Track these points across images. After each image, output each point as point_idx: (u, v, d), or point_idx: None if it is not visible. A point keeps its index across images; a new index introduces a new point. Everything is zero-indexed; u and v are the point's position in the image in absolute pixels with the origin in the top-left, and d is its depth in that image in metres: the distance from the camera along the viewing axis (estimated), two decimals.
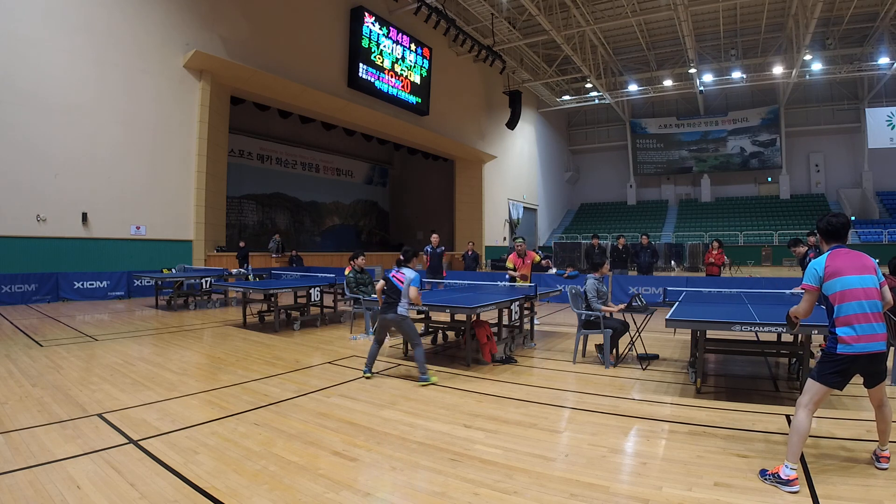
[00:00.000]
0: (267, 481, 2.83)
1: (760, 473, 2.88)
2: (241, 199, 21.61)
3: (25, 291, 11.00)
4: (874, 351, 2.84)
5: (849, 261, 2.98)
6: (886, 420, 3.00)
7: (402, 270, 5.12)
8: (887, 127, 28.01)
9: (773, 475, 2.80)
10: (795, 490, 2.70)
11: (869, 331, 2.83)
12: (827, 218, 3.12)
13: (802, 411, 2.88)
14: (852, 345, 2.83)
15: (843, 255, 3.00)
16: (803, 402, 2.91)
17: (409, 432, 3.63)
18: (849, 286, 2.90)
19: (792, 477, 2.72)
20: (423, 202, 29.17)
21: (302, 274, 13.13)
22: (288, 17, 16.26)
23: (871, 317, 2.85)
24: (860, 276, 2.92)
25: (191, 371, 5.50)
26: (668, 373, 5.45)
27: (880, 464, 2.98)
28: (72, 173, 11.70)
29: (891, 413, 3.03)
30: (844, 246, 3.07)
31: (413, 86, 21.04)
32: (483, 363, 5.85)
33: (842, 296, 2.91)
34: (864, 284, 2.90)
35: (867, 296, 2.88)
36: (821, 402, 2.95)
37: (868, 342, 2.83)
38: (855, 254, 3.01)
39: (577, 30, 22.02)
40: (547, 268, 8.71)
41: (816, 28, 20.92)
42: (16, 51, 10.76)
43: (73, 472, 2.86)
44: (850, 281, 2.91)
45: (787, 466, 2.76)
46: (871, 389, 3.00)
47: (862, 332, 2.83)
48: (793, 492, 2.69)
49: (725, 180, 35.02)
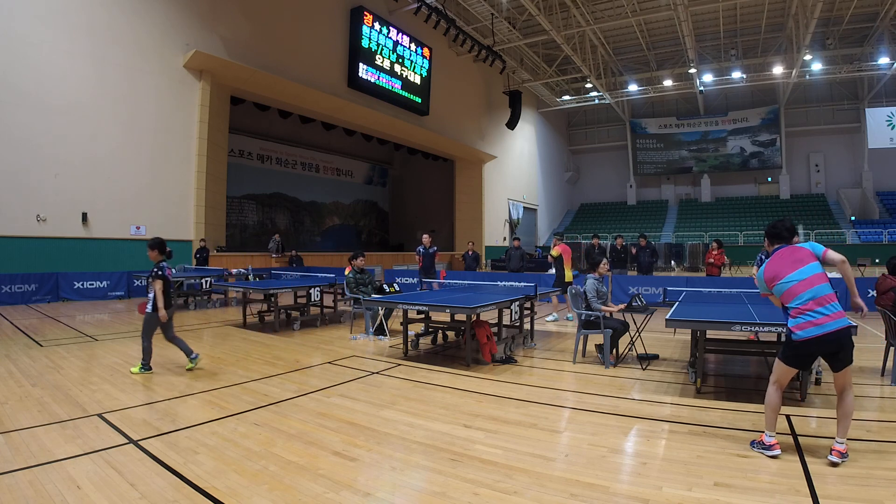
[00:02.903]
0: (267, 481, 2.83)
1: (751, 444, 3.28)
2: (241, 199, 21.61)
3: (25, 291, 11.00)
4: (824, 332, 3.06)
5: (784, 261, 3.31)
6: (845, 410, 3.09)
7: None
8: (887, 127, 28.01)
9: (759, 443, 3.22)
10: (777, 454, 3.11)
11: (814, 316, 3.09)
12: (772, 223, 3.54)
13: (771, 388, 3.27)
14: (798, 332, 3.13)
15: (779, 256, 3.35)
16: (771, 380, 3.29)
17: (409, 432, 3.62)
18: (789, 284, 3.22)
19: (773, 443, 3.15)
20: (423, 202, 29.17)
21: (302, 274, 13.13)
22: (288, 17, 16.27)
23: (815, 303, 3.12)
24: (796, 272, 3.22)
25: (191, 371, 5.50)
26: (668, 373, 5.45)
27: (830, 456, 3.01)
28: (72, 173, 11.71)
29: (851, 405, 3.10)
30: (786, 245, 3.41)
31: (413, 86, 21.04)
32: (483, 363, 5.85)
33: (786, 295, 3.24)
34: (801, 276, 3.20)
35: (807, 285, 3.17)
36: (786, 381, 3.31)
37: (814, 326, 3.08)
38: (789, 249, 3.35)
39: (577, 30, 22.03)
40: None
41: (816, 28, 20.92)
42: (16, 51, 10.76)
43: (73, 472, 2.86)
44: (789, 280, 3.23)
45: (767, 435, 3.19)
46: (835, 374, 3.17)
47: (806, 319, 3.11)
48: (774, 455, 3.11)
49: (725, 180, 35.03)
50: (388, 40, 19.59)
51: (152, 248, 5.25)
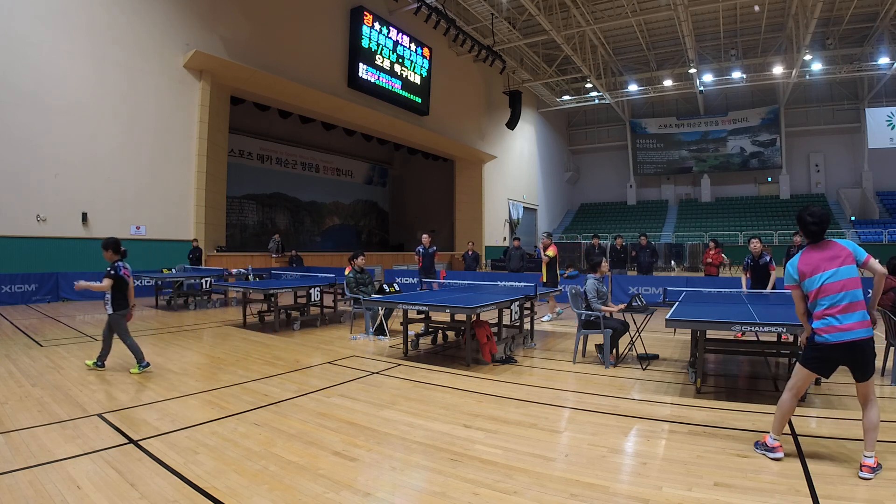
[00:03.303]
0: (267, 481, 2.83)
1: (755, 445, 3.22)
2: (241, 199, 21.60)
3: (25, 291, 11.00)
4: (849, 339, 2.92)
5: (822, 255, 3.09)
6: (871, 422, 2.92)
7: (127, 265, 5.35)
8: (887, 127, 28.00)
9: (763, 444, 3.16)
10: (780, 456, 3.06)
11: (842, 321, 2.95)
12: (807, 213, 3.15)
13: (787, 393, 3.15)
14: (823, 335, 2.99)
15: (818, 250, 3.12)
16: (788, 385, 3.17)
17: (409, 432, 3.62)
18: (821, 282, 3.03)
19: (776, 445, 3.09)
20: (423, 202, 29.15)
21: (302, 274, 13.13)
22: (288, 17, 16.26)
23: (844, 308, 2.96)
24: (832, 270, 3.03)
25: (191, 371, 5.50)
26: (668, 373, 5.45)
27: (861, 473, 2.83)
28: (72, 173, 11.70)
29: (877, 416, 2.94)
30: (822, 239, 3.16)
31: (413, 86, 21.04)
32: (483, 363, 5.85)
33: (817, 293, 3.05)
34: (837, 277, 3.01)
35: (841, 287, 2.99)
36: (804, 387, 3.15)
37: (839, 331, 2.94)
38: (829, 244, 3.11)
39: (577, 30, 22.02)
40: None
41: (816, 28, 20.92)
42: (15, 51, 10.76)
43: (73, 472, 2.86)
44: (823, 277, 3.03)
45: (771, 437, 3.12)
46: (857, 385, 3.03)
47: (832, 322, 2.96)
48: (777, 458, 3.05)
49: (725, 180, 35.01)
50: (388, 40, 19.59)
51: (106, 249, 5.30)
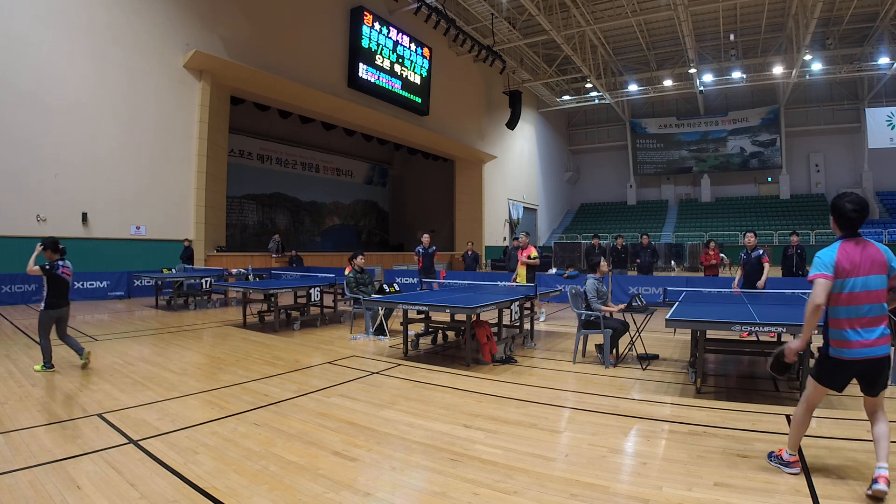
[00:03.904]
0: (267, 481, 2.83)
1: (768, 456, 3.05)
2: (241, 199, 21.60)
3: (25, 291, 10.99)
4: (863, 357, 2.66)
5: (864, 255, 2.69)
6: (882, 432, 2.72)
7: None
8: (887, 127, 27.99)
9: (777, 457, 2.98)
10: (796, 472, 2.87)
11: (863, 336, 2.65)
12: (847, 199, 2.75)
13: (801, 406, 2.96)
14: (839, 349, 2.71)
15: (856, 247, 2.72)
16: (802, 398, 2.99)
17: (409, 432, 3.62)
18: (856, 288, 2.67)
19: (793, 460, 2.90)
20: (423, 202, 29.15)
21: (302, 274, 13.13)
22: (288, 17, 16.26)
23: (868, 322, 2.65)
24: (869, 277, 2.66)
25: (191, 371, 5.51)
26: (668, 373, 5.45)
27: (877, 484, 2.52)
28: (72, 173, 11.70)
29: (887, 426, 2.74)
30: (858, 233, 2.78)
31: (413, 86, 21.03)
32: (483, 363, 5.85)
33: (843, 298, 2.69)
34: (870, 286, 2.66)
35: (871, 299, 2.66)
36: (818, 400, 2.91)
37: (858, 348, 2.66)
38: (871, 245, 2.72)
39: (577, 30, 22.01)
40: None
41: (816, 28, 20.91)
42: (15, 51, 10.75)
43: (73, 472, 2.86)
44: (860, 283, 2.66)
45: (787, 452, 2.94)
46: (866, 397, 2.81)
47: (852, 337, 2.67)
48: (793, 473, 2.87)
49: (725, 180, 35.00)
50: (388, 40, 19.59)
51: (45, 249, 5.44)
